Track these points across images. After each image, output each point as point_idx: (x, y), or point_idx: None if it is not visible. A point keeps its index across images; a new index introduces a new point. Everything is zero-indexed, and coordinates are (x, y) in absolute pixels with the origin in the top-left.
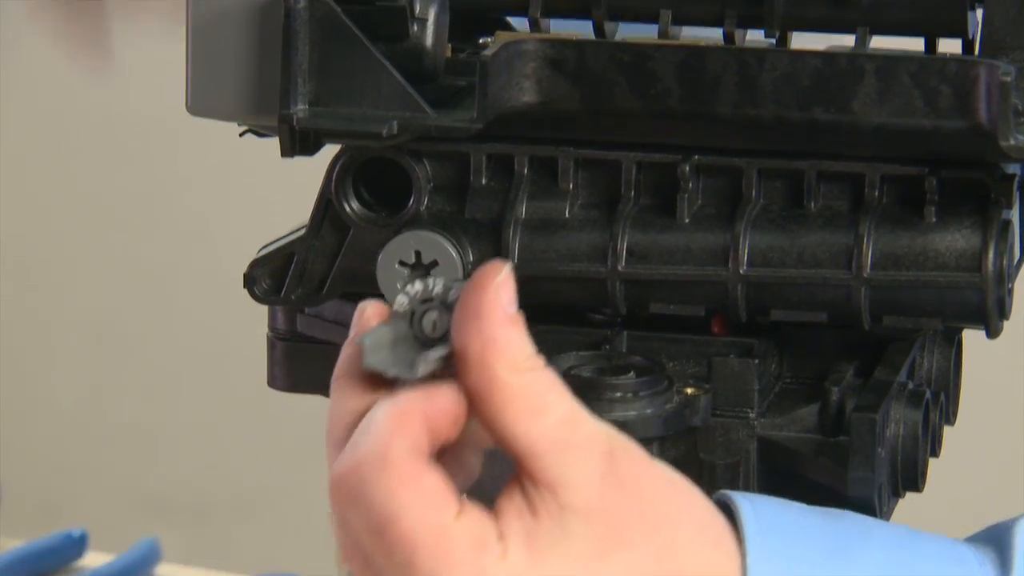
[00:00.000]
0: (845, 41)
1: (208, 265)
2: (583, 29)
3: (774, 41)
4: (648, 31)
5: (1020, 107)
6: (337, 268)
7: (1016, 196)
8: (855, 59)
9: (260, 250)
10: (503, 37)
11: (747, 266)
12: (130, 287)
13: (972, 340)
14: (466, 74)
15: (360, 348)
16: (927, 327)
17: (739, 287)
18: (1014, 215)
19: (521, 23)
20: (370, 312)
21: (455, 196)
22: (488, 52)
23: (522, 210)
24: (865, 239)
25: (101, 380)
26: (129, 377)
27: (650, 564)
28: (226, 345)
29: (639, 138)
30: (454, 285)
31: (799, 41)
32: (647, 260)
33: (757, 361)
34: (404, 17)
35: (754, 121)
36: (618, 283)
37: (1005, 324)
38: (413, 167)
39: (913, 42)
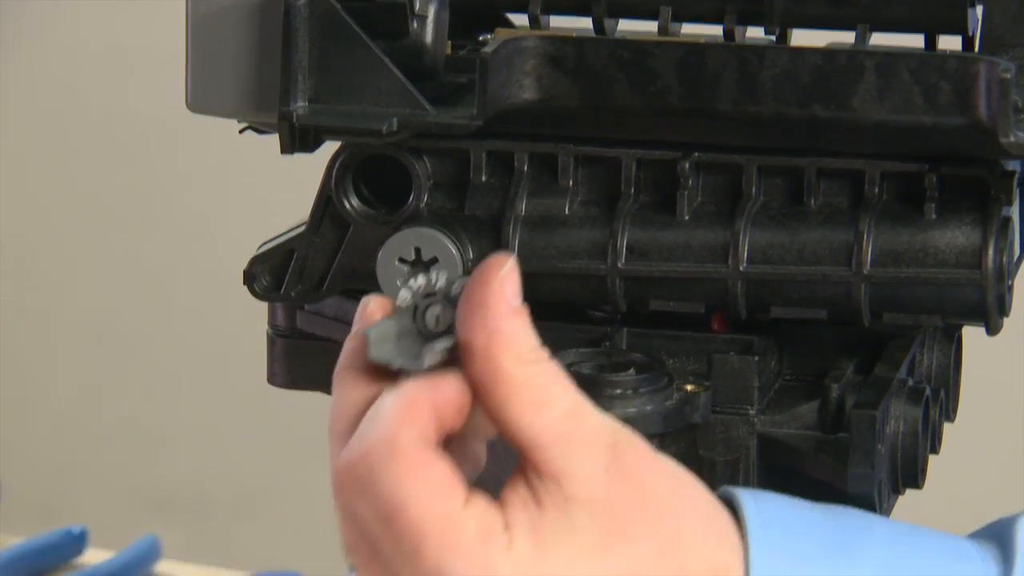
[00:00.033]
0: (845, 38)
1: (208, 262)
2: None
3: (774, 38)
4: (648, 28)
5: (1020, 104)
6: (337, 265)
7: (1016, 193)
8: (855, 56)
9: (260, 247)
10: (503, 34)
11: (747, 263)
12: (130, 284)
13: (972, 337)
14: (466, 71)
15: (365, 341)
16: (927, 324)
17: (739, 284)
18: (1014, 212)
19: (521, 20)
20: (373, 306)
21: (455, 193)
22: (488, 49)
23: (522, 207)
24: (865, 236)
25: (101, 377)
26: (129, 374)
27: (653, 556)
28: (226, 342)
29: (639, 135)
30: (457, 279)
31: (799, 38)
32: (647, 257)
33: (757, 358)
34: (404, 14)
35: (754, 118)
36: (618, 280)
37: (1005, 321)
38: (413, 164)
39: (913, 39)
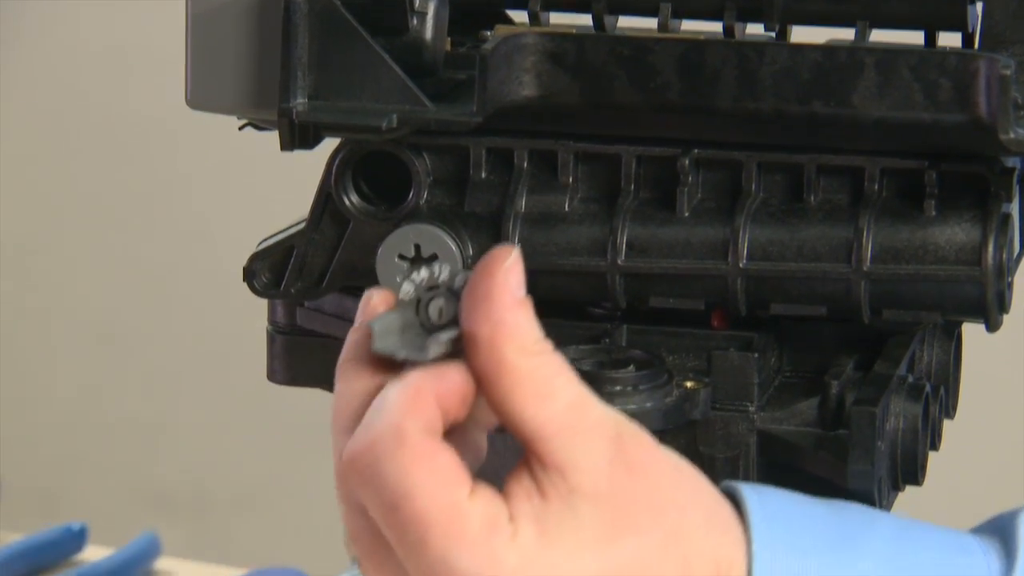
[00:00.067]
0: (845, 35)
1: (208, 259)
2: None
3: (774, 35)
4: (648, 25)
5: (1020, 101)
6: (337, 262)
7: (1016, 190)
8: (855, 52)
9: (260, 244)
10: (502, 31)
11: (747, 260)
12: (130, 281)
13: (972, 334)
14: (466, 68)
15: (369, 333)
16: (927, 321)
17: (739, 281)
18: (1014, 209)
19: (521, 16)
20: (377, 300)
21: (455, 190)
22: (488, 46)
23: (522, 204)
24: (865, 233)
25: (101, 374)
26: (129, 371)
27: (657, 549)
28: (226, 339)
29: (639, 132)
30: (459, 272)
31: (799, 35)
32: (647, 254)
33: (757, 355)
34: (404, 11)
35: (754, 115)
36: (618, 277)
37: (1005, 318)
38: (413, 161)
39: (913, 35)
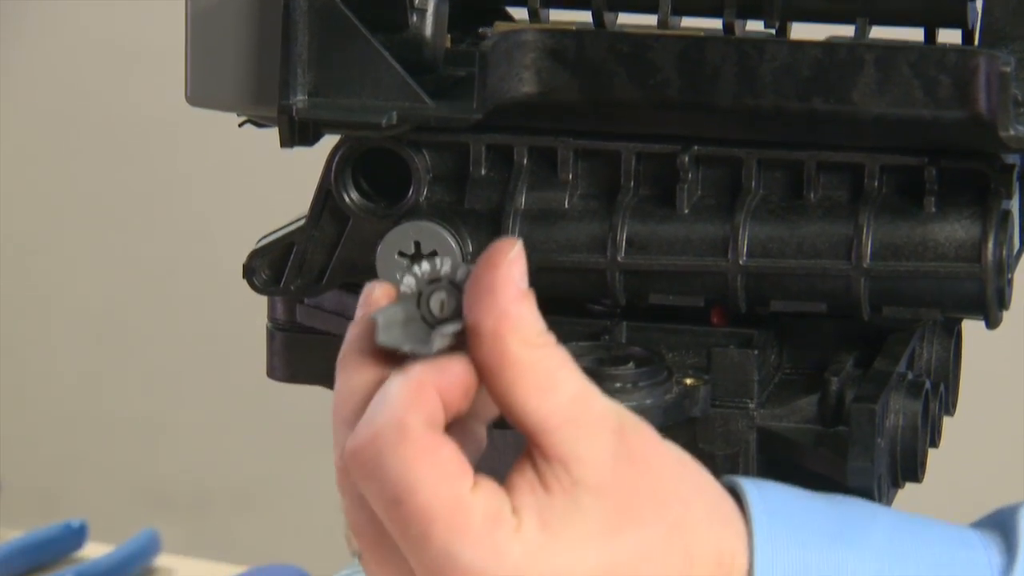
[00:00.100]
0: (845, 32)
1: (207, 256)
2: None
3: (774, 32)
4: (647, 21)
5: (1020, 97)
6: (336, 259)
7: (1016, 186)
8: (855, 49)
9: (259, 241)
10: (502, 27)
11: (747, 257)
12: (129, 278)
13: (971, 330)
14: (465, 64)
15: (373, 325)
16: (927, 317)
17: (739, 278)
18: (1014, 205)
19: (520, 13)
20: (379, 293)
21: (454, 186)
22: (487, 42)
23: (521, 200)
24: (865, 229)
25: (101, 371)
26: (129, 369)
27: (660, 540)
28: (225, 336)
29: (638, 128)
30: (461, 265)
31: (798, 31)
32: (646, 251)
33: (756, 352)
34: (403, 7)
35: (754, 111)
36: (617, 273)
37: (1004, 314)
38: (412, 157)
39: (913, 32)
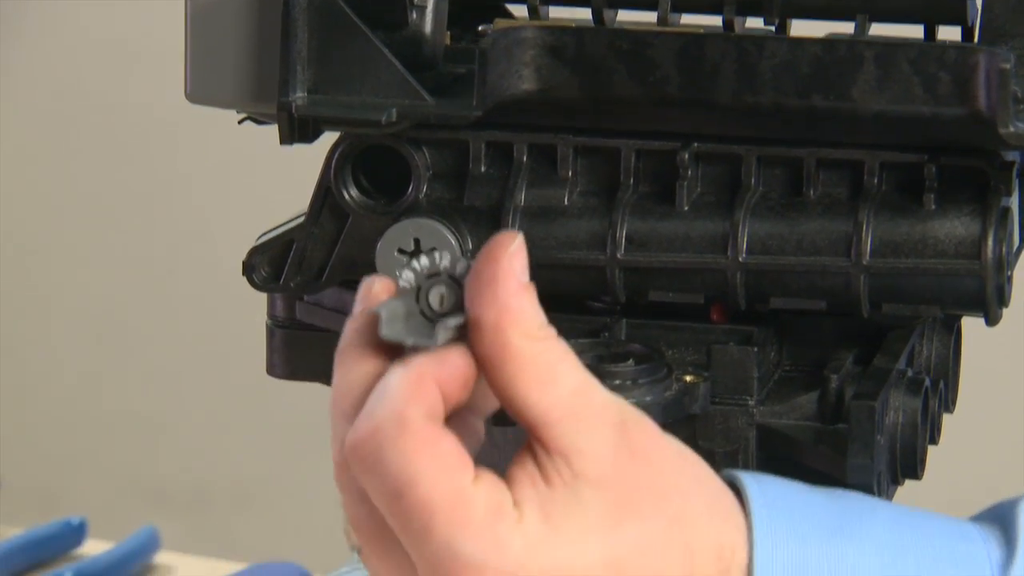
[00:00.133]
0: (844, 28)
1: (207, 253)
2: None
3: (773, 28)
4: (647, 18)
5: (1019, 94)
6: (336, 256)
7: (1015, 183)
8: (854, 46)
9: (259, 238)
10: (502, 24)
11: (746, 254)
12: (129, 275)
13: (971, 328)
14: (465, 62)
15: (375, 319)
16: (926, 314)
17: (738, 275)
18: (1013, 202)
19: (520, 10)
20: (378, 288)
21: (454, 184)
22: (487, 40)
23: (521, 198)
24: (864, 226)
25: (101, 369)
26: (129, 366)
27: (661, 534)
28: (225, 333)
29: (638, 125)
30: (460, 260)
31: (798, 28)
32: (646, 248)
33: (756, 349)
34: (403, 4)
35: (753, 108)
36: (617, 271)
37: (1004, 312)
38: (412, 155)
39: (912, 29)
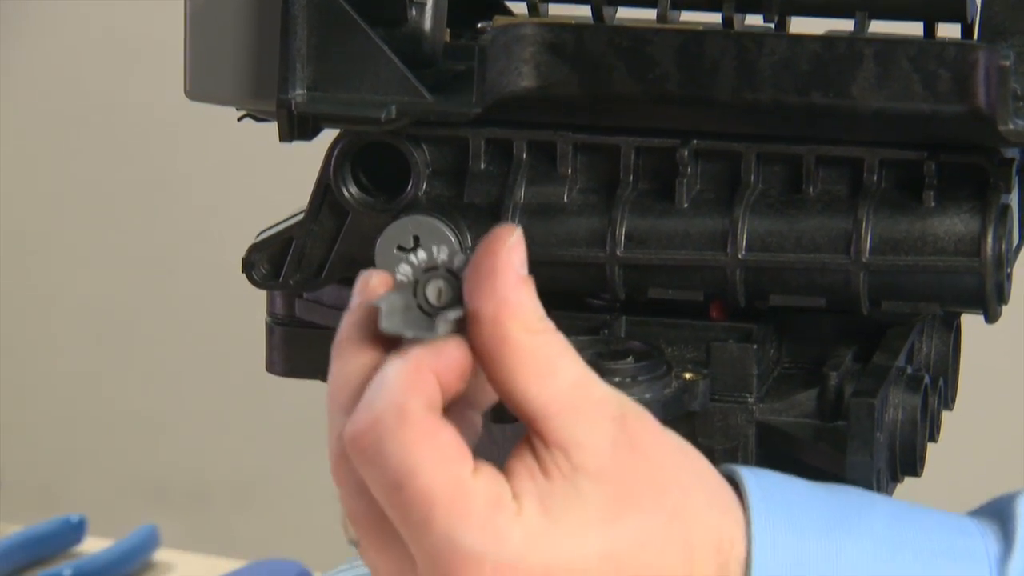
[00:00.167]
0: (844, 26)
1: (207, 250)
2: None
3: (773, 25)
4: (646, 15)
5: (1019, 91)
6: (335, 253)
7: (1015, 180)
8: (854, 43)
9: (259, 235)
10: (501, 21)
11: (746, 251)
12: (129, 273)
13: (971, 325)
14: (465, 59)
15: (374, 312)
16: (926, 312)
17: (738, 272)
18: (1013, 199)
19: (519, 7)
20: (375, 282)
21: (454, 181)
22: (486, 37)
23: (521, 195)
24: (864, 224)
25: (100, 366)
26: (128, 363)
27: (660, 527)
28: (225, 330)
29: (638, 123)
30: (458, 254)
31: (798, 26)
32: (646, 245)
33: (756, 346)
34: (402, 1)
35: (753, 106)
36: (617, 268)
37: (1004, 309)
38: (411, 152)
39: (912, 27)
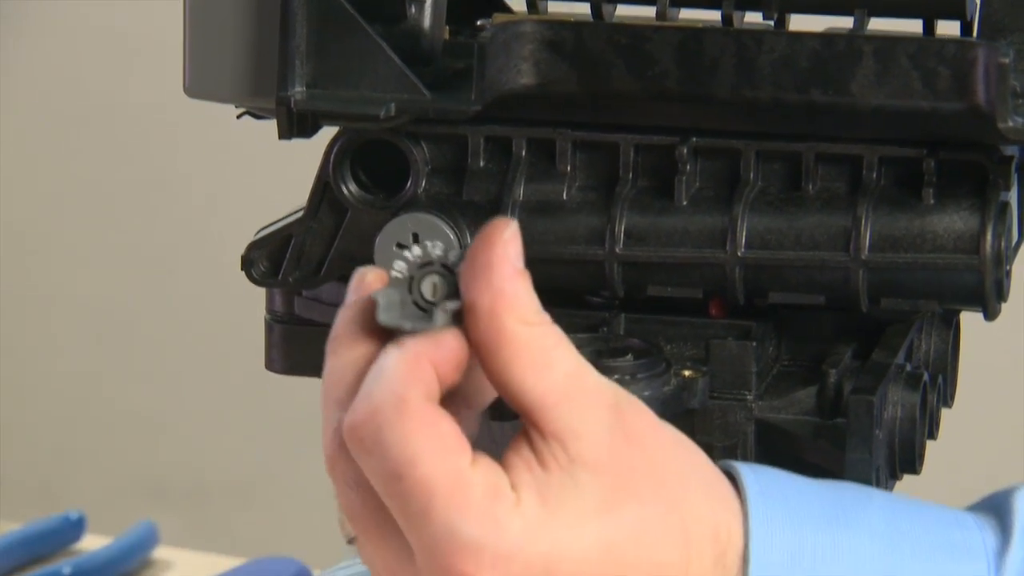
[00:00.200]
0: (843, 23)
1: (206, 248)
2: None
3: (772, 23)
4: (646, 13)
5: (1018, 89)
6: (335, 250)
7: (1014, 178)
8: (853, 41)
9: (258, 233)
10: (501, 19)
11: (745, 248)
12: (128, 270)
13: (970, 322)
14: (464, 56)
15: (371, 305)
16: (925, 309)
17: (737, 269)
18: (1012, 197)
19: (519, 5)
20: (371, 277)
21: (453, 178)
22: (486, 34)
23: (520, 192)
24: (863, 221)
25: (100, 364)
26: (127, 361)
27: (658, 517)
28: (224, 328)
29: (637, 120)
30: (453, 249)
31: (797, 23)
32: (645, 242)
33: (755, 343)
34: None
35: (752, 103)
36: (616, 265)
37: (1003, 306)
38: (411, 149)
39: (912, 24)
